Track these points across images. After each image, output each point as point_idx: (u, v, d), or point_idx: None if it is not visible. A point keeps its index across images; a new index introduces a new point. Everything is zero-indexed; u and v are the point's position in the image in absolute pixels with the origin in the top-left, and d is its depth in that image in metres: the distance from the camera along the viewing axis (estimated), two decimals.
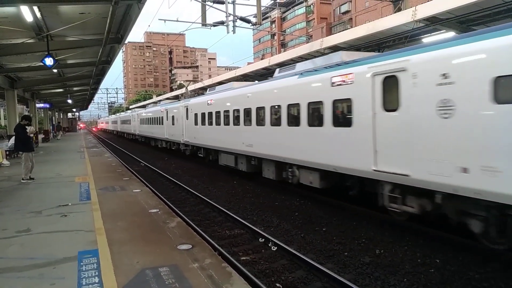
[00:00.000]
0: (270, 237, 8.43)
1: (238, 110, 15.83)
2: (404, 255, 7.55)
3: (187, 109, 23.07)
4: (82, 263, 5.50)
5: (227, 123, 16.97)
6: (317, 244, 8.37)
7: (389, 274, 6.74)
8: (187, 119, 23.00)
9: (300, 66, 12.39)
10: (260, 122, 13.97)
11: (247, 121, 14.96)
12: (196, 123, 21.27)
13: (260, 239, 8.65)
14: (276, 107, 12.88)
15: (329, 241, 8.53)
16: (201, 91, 32.00)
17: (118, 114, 75.17)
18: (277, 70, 14.05)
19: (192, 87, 36.56)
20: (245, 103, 15.16)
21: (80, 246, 6.24)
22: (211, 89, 21.42)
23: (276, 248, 8.03)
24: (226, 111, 17.07)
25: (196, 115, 21.27)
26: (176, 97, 39.87)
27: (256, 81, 19.90)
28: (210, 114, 19.05)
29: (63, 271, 5.30)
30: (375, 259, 7.42)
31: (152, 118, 33.85)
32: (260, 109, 13.97)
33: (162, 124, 29.64)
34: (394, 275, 6.72)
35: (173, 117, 26.41)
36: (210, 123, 19.08)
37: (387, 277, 6.65)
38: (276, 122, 12.89)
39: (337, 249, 8.04)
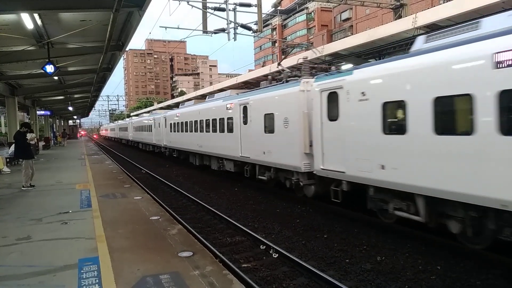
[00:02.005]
0: (271, 244, 8.39)
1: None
2: (406, 262, 7.51)
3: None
4: (82, 271, 5.47)
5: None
6: (319, 251, 8.34)
7: (390, 281, 6.69)
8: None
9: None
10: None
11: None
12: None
13: (261, 246, 8.61)
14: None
15: (330, 248, 8.49)
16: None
17: (116, 122, 77.65)
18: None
19: (193, 94, 38.48)
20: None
21: (80, 254, 6.22)
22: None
23: (277, 255, 7.99)
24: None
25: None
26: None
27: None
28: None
29: (63, 279, 5.28)
30: (376, 266, 7.38)
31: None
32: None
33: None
34: (395, 282, 6.68)
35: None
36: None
37: (389, 284, 6.61)
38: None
39: (338, 256, 8.00)
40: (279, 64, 17.00)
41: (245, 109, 15.12)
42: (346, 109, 9.71)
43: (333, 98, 10.16)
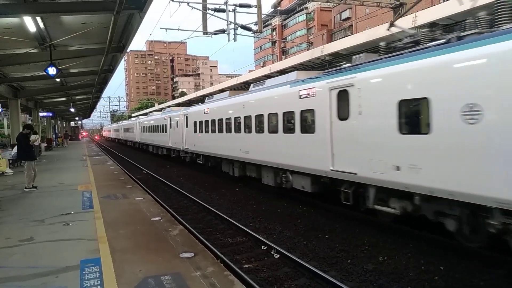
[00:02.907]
0: (272, 245, 8.40)
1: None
2: (408, 262, 7.51)
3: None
4: (84, 272, 5.50)
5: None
6: (320, 251, 8.34)
7: (392, 282, 6.70)
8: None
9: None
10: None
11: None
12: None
13: (262, 246, 8.62)
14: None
15: (332, 248, 8.49)
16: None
17: (121, 122, 72.62)
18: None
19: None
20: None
21: (82, 255, 6.24)
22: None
23: (278, 255, 8.01)
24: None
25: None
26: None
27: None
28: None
29: (65, 280, 5.31)
30: (378, 266, 7.38)
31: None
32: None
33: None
34: (397, 282, 6.68)
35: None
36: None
37: (391, 284, 6.61)
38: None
39: (340, 256, 8.01)
40: (392, 25, 10.87)
41: (343, 95, 9.66)
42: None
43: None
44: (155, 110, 51.25)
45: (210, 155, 19.85)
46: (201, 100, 31.24)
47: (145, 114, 53.68)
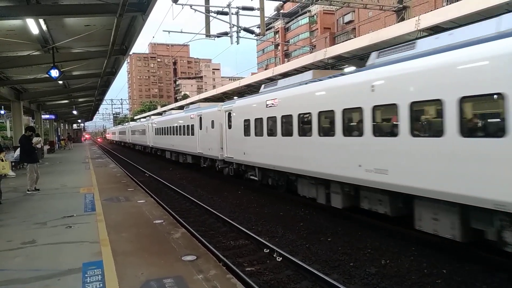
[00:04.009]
0: (275, 248, 8.38)
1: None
2: (410, 265, 7.48)
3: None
4: (86, 275, 5.49)
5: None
6: (322, 254, 8.32)
7: (395, 285, 6.67)
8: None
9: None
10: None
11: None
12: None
13: (265, 249, 8.60)
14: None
15: (334, 251, 8.47)
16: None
17: (127, 123, 63.64)
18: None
19: (196, 97, 35.31)
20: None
21: (84, 258, 6.24)
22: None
23: (281, 258, 7.99)
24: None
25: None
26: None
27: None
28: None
29: (67, 282, 5.30)
30: (381, 270, 7.35)
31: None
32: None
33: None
34: (400, 285, 6.66)
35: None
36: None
37: (393, 287, 6.58)
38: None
39: (342, 259, 7.98)
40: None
41: None
42: None
43: None
44: (172, 109, 42.44)
45: (275, 169, 13.67)
46: (220, 98, 28.88)
47: (159, 114, 46.08)
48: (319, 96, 11.12)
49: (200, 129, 21.45)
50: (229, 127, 17.42)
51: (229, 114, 17.39)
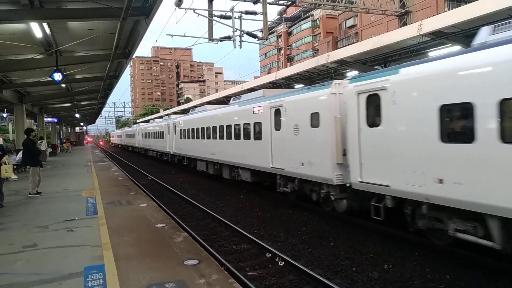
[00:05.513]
0: (277, 252, 8.34)
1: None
2: (413, 270, 7.43)
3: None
4: (88, 279, 5.47)
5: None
6: (325, 259, 8.28)
7: None
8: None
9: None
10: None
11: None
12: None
13: (267, 254, 8.57)
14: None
15: (337, 256, 8.43)
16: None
17: (137, 125, 57.52)
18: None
19: (199, 101, 36.14)
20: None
21: (86, 261, 6.22)
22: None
23: (283, 263, 7.95)
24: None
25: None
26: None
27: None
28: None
29: (69, 286, 5.28)
30: (383, 275, 7.31)
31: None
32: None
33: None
34: None
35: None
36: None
37: None
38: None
39: (345, 264, 7.94)
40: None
41: None
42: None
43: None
44: (200, 104, 30.62)
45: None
46: (223, 102, 27.70)
47: (183, 112, 36.95)
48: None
49: (277, 130, 13.50)
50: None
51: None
